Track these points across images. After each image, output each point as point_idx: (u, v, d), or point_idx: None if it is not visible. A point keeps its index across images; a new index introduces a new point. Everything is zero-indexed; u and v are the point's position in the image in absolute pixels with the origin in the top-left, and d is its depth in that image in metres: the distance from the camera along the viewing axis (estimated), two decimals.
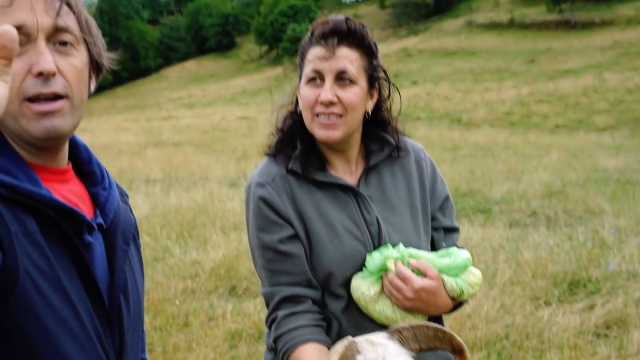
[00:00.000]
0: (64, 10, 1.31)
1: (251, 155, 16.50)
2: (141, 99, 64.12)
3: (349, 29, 1.92)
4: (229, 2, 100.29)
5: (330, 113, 1.91)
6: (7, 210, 1.23)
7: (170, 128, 26.10)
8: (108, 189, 1.54)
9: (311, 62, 1.94)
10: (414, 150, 2.17)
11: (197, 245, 7.64)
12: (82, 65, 1.36)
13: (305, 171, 2.00)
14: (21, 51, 1.26)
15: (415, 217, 2.08)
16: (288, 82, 52.39)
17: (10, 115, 1.30)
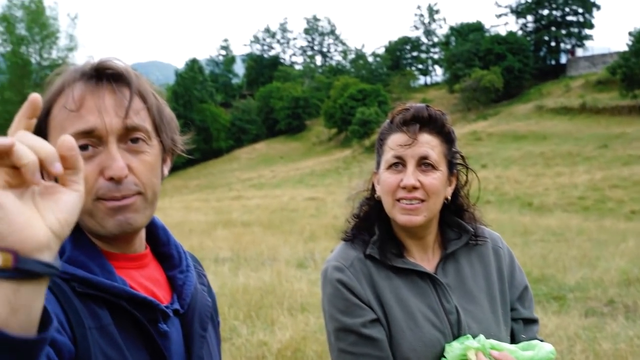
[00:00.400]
0: (134, 109, 1.32)
1: (319, 236, 16.49)
2: (212, 179, 65.45)
3: (429, 116, 1.95)
4: (300, 86, 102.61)
5: (413, 198, 1.92)
6: (82, 305, 1.25)
7: (239, 208, 26.46)
8: (185, 271, 1.54)
9: (392, 149, 1.96)
10: (491, 238, 2.17)
11: (264, 326, 7.59)
12: (155, 159, 1.38)
13: (383, 257, 1.99)
14: (93, 153, 1.29)
15: (494, 308, 2.04)
16: (356, 165, 52.80)
17: (85, 212, 1.32)
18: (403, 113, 1.98)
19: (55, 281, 1.25)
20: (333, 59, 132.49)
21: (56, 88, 1.34)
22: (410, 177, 1.91)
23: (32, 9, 64.88)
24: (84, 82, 1.31)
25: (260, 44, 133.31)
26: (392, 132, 1.99)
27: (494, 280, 2.08)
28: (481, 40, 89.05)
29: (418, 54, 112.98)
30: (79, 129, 1.27)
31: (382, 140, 2.04)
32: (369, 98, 77.07)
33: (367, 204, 2.12)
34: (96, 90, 1.29)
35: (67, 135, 0.89)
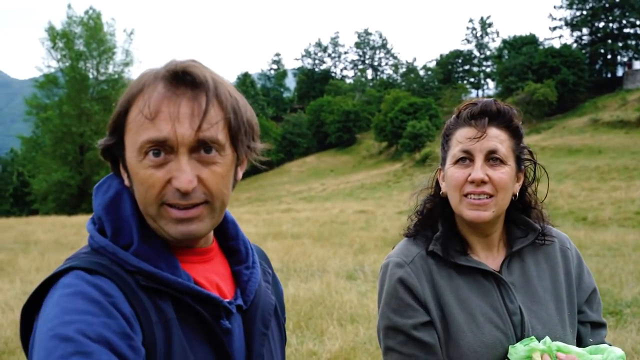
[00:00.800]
0: (209, 120, 1.30)
1: (369, 249, 16.44)
2: (262, 192, 65.88)
3: (498, 110, 1.92)
4: (350, 100, 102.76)
5: (481, 193, 1.88)
6: (147, 299, 1.27)
7: (289, 220, 26.54)
8: (251, 268, 1.54)
9: (460, 143, 1.93)
10: (559, 239, 2.12)
11: (314, 336, 7.61)
12: (226, 170, 1.36)
13: (446, 254, 1.96)
14: (164, 160, 1.29)
15: (560, 309, 1.99)
16: (407, 178, 52.51)
17: (150, 216, 1.33)
18: (471, 107, 1.96)
19: (119, 274, 1.27)
20: (384, 73, 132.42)
21: (136, 88, 1.33)
22: (479, 171, 1.87)
23: (91, 26, 66.55)
24: (162, 86, 1.30)
25: (312, 58, 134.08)
26: (459, 127, 1.97)
27: (560, 281, 2.04)
28: (534, 53, 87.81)
29: (470, 67, 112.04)
30: (152, 137, 1.27)
31: (447, 136, 2.02)
32: (420, 111, 76.71)
33: (431, 201, 2.09)
34: (173, 97, 1.28)
35: None
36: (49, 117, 63.19)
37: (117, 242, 1.33)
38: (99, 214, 1.38)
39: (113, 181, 1.43)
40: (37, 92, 66.85)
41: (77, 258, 1.32)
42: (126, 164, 1.35)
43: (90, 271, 1.25)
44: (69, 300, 1.17)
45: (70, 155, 64.57)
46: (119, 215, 1.36)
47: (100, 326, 1.14)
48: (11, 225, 29.14)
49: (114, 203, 1.38)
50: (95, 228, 1.38)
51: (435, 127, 71.16)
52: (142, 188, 1.30)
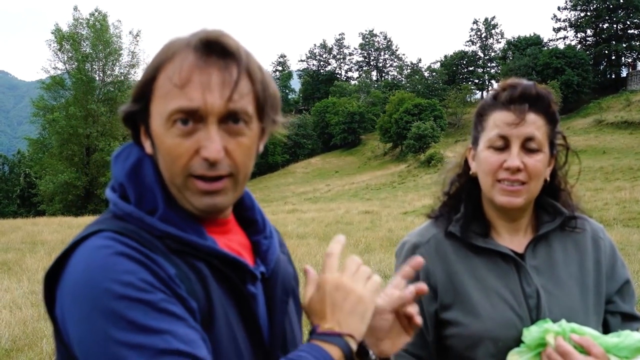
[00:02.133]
0: (240, 91, 1.28)
1: (374, 248, 16.48)
2: (268, 193, 65.94)
3: (537, 94, 1.87)
4: (355, 101, 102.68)
5: (515, 180, 1.86)
6: (180, 260, 1.26)
7: (295, 221, 26.51)
8: (269, 237, 1.52)
9: (497, 127, 1.88)
10: (592, 228, 2.08)
11: None
12: (252, 142, 1.34)
13: (464, 235, 1.97)
14: (193, 129, 1.26)
15: (585, 296, 1.96)
16: (411, 179, 52.51)
17: (175, 186, 1.32)
18: (510, 90, 1.89)
19: (150, 239, 1.26)
20: (389, 74, 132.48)
21: (165, 55, 1.29)
22: (516, 159, 1.84)
23: (97, 27, 66.43)
24: (193, 55, 1.27)
25: (317, 59, 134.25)
26: (496, 109, 1.91)
27: (589, 269, 1.99)
28: (539, 54, 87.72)
29: (474, 69, 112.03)
30: (183, 106, 1.25)
31: (482, 116, 1.96)
32: (425, 112, 76.73)
33: (459, 181, 2.07)
34: (204, 66, 1.26)
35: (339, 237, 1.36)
36: (55, 119, 63.19)
37: (141, 208, 1.30)
38: (120, 180, 1.35)
39: (133, 149, 1.40)
40: (44, 94, 66.74)
41: (103, 222, 1.29)
42: (151, 132, 1.32)
43: (121, 234, 1.23)
44: (114, 261, 1.16)
45: (77, 156, 64.54)
46: (141, 182, 1.33)
47: (154, 283, 1.15)
48: (18, 226, 29.21)
49: (135, 170, 1.35)
50: (117, 195, 1.35)
51: (440, 128, 71.21)
52: (168, 158, 1.29)
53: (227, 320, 1.26)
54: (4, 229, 27.31)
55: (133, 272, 1.15)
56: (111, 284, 1.13)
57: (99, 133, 62.73)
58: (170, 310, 1.15)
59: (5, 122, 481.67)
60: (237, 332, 1.28)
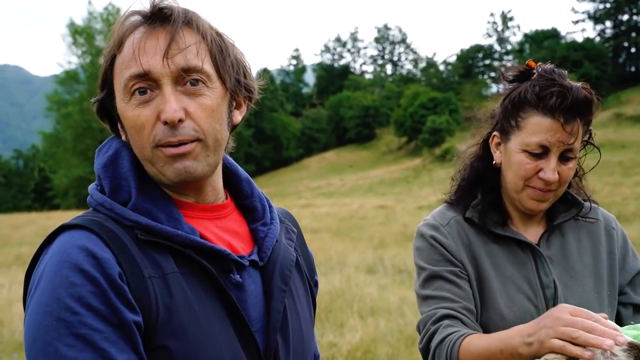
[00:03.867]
0: (189, 48, 1.29)
1: (388, 243, 16.36)
2: (282, 188, 66.01)
3: (585, 103, 1.78)
4: (370, 95, 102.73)
5: (548, 190, 1.84)
6: (140, 254, 1.25)
7: (308, 215, 26.51)
8: (269, 224, 1.50)
9: (538, 134, 1.79)
10: (604, 218, 2.07)
11: (334, 329, 7.56)
12: (216, 103, 1.32)
13: (483, 222, 1.94)
14: (150, 97, 1.28)
15: (599, 287, 1.94)
16: (426, 174, 52.34)
17: (147, 160, 1.32)
18: (559, 97, 1.76)
19: (112, 231, 1.25)
20: (404, 68, 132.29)
21: (116, 40, 1.33)
22: (554, 173, 1.79)
23: (111, 21, 67.00)
24: (137, 23, 1.31)
25: (331, 53, 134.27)
26: (539, 112, 1.80)
27: (602, 259, 1.98)
28: (556, 47, 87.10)
29: (491, 62, 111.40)
30: (133, 72, 1.27)
31: (519, 112, 1.85)
32: (440, 106, 76.46)
33: (477, 167, 2.01)
34: (150, 32, 1.29)
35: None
36: (69, 113, 63.74)
37: (115, 199, 1.32)
38: (98, 173, 1.37)
39: (113, 142, 1.42)
40: (58, 88, 67.51)
41: (75, 218, 1.31)
42: (118, 113, 1.35)
43: (79, 227, 1.24)
44: (56, 273, 1.17)
45: (91, 150, 64.69)
46: (117, 173, 1.34)
47: (89, 297, 1.14)
48: (33, 220, 29.42)
49: (112, 161, 1.36)
50: (97, 188, 1.37)
51: (456, 122, 70.90)
52: (133, 131, 1.30)
53: (194, 314, 1.24)
54: (18, 223, 27.51)
55: (74, 286, 1.15)
56: (49, 299, 1.15)
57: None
58: (86, 336, 1.12)
59: (20, 116, 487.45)
60: (215, 323, 1.27)
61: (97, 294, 1.15)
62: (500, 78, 1.98)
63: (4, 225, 26.94)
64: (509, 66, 1.97)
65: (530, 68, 1.89)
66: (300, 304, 1.50)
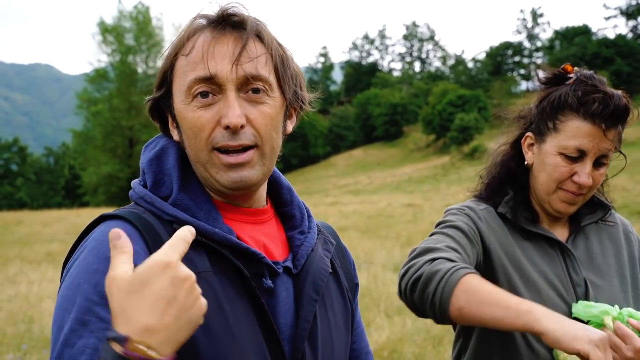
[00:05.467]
0: (255, 57, 1.30)
1: (416, 242, 16.07)
2: (309, 186, 66.02)
3: (625, 111, 1.82)
4: (398, 93, 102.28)
5: (580, 194, 1.86)
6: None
7: (336, 213, 26.49)
8: (306, 233, 1.50)
9: (577, 138, 1.81)
10: (622, 223, 2.10)
11: None
12: (275, 112, 1.34)
13: (515, 219, 1.95)
14: (213, 101, 1.30)
15: (625, 287, 1.95)
16: (455, 172, 52.03)
17: (200, 163, 1.33)
18: (601, 104, 1.79)
19: (149, 223, 1.27)
20: (432, 65, 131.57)
21: (181, 38, 1.34)
22: (589, 178, 1.81)
23: (140, 20, 67.61)
24: (208, 32, 1.32)
25: (359, 51, 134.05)
26: (579, 117, 1.81)
27: (625, 261, 2.00)
28: (588, 44, 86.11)
29: (520, 59, 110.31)
30: (199, 75, 1.28)
31: (559, 115, 1.87)
32: (469, 104, 75.89)
33: (509, 166, 2.01)
34: (219, 37, 1.30)
35: (187, 229, 1.07)
36: (99, 111, 64.45)
37: (157, 193, 1.34)
38: (143, 167, 1.39)
39: (161, 139, 1.44)
40: (88, 87, 68.25)
41: (117, 209, 1.33)
42: (175, 114, 1.36)
43: (117, 218, 1.27)
44: (84, 259, 1.20)
45: (120, 148, 65.76)
46: (161, 168, 1.37)
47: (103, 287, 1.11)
48: (63, 217, 29.76)
49: (158, 157, 1.39)
50: (140, 183, 1.39)
51: (485, 120, 70.30)
52: (191, 133, 1.31)
53: (224, 314, 1.25)
54: (49, 220, 27.84)
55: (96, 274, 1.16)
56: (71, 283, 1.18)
57: (141, 125, 63.60)
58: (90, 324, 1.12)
59: (51, 114, 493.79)
60: (245, 326, 1.27)
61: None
62: (533, 78, 1.99)
63: (34, 222, 27.30)
64: (542, 66, 1.99)
65: (566, 72, 1.92)
66: (333, 314, 1.49)
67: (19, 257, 16.00)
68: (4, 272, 13.20)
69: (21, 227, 25.35)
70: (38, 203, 79.69)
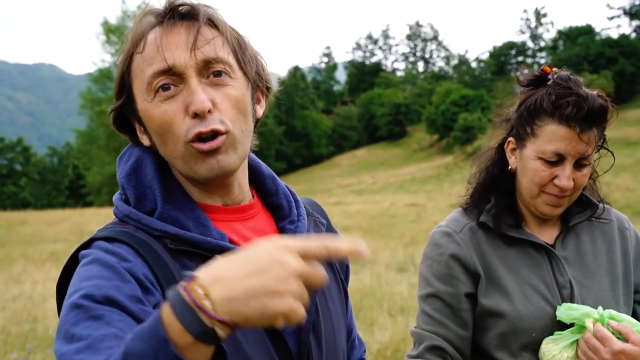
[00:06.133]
0: (208, 40, 1.27)
1: (419, 241, 16.25)
2: (312, 185, 66.05)
3: (601, 111, 1.80)
4: (401, 93, 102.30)
5: (563, 196, 1.86)
6: (173, 261, 1.25)
7: (339, 213, 26.49)
8: (296, 221, 1.48)
9: (553, 142, 1.81)
10: (617, 219, 2.08)
11: (364, 327, 7.53)
12: (241, 94, 1.30)
13: (497, 225, 1.95)
14: (175, 92, 1.26)
15: (614, 286, 1.95)
16: (458, 171, 51.95)
17: (179, 157, 1.29)
18: (575, 107, 1.78)
19: (142, 240, 1.25)
20: (435, 65, 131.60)
21: (131, 39, 1.30)
22: (569, 180, 1.81)
23: None
24: (155, 22, 1.29)
25: (362, 50, 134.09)
26: (554, 121, 1.81)
27: (616, 259, 1.99)
28: (591, 43, 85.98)
29: (524, 59, 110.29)
30: (157, 68, 1.24)
31: (535, 120, 1.86)
32: (472, 104, 75.89)
33: (492, 172, 2.02)
34: (171, 29, 1.27)
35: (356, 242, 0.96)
36: (103, 111, 64.29)
37: (141, 209, 1.31)
38: (121, 182, 1.36)
39: (133, 149, 1.40)
40: (92, 86, 68.24)
41: (104, 229, 1.31)
42: (140, 116, 1.32)
43: (110, 239, 1.24)
44: (86, 269, 1.17)
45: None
46: (140, 182, 1.34)
47: (110, 289, 1.12)
48: (67, 217, 29.82)
49: (135, 170, 1.35)
50: (121, 198, 1.36)
51: (488, 120, 70.11)
52: (161, 129, 1.27)
53: None
54: (53, 220, 27.89)
55: (94, 277, 1.14)
56: (70, 292, 1.14)
57: None
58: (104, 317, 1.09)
59: (54, 114, 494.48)
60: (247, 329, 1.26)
61: (121, 288, 1.13)
62: (515, 81, 2.00)
63: (38, 222, 27.36)
64: (526, 71, 1.98)
65: (545, 73, 1.91)
66: (331, 300, 1.48)
67: (23, 256, 16.02)
68: (8, 272, 13.23)
69: (25, 227, 25.40)
70: (41, 203, 79.79)
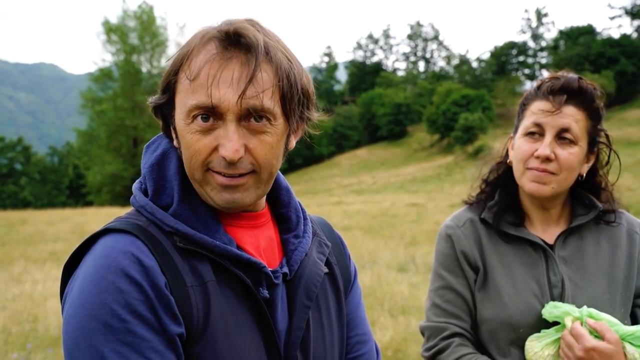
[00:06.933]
0: (261, 86, 1.23)
1: (420, 241, 16.24)
2: (313, 185, 65.97)
3: (580, 87, 1.90)
4: (402, 92, 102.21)
5: (544, 170, 1.90)
6: (182, 261, 1.25)
7: (340, 213, 26.45)
8: (301, 237, 1.47)
9: (534, 114, 1.94)
10: (628, 222, 2.10)
11: None
12: (276, 140, 1.29)
13: (496, 222, 2.02)
14: (213, 126, 1.24)
15: (612, 289, 1.97)
16: (459, 171, 51.94)
17: (195, 180, 1.30)
18: (552, 81, 1.93)
19: (155, 237, 1.25)
20: (436, 65, 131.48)
21: (187, 48, 1.28)
22: (546, 148, 1.87)
23: (144, 20, 67.61)
24: (212, 49, 1.24)
25: (363, 50, 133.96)
26: (536, 99, 1.96)
27: (619, 262, 2.01)
28: (592, 43, 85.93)
29: (525, 59, 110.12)
30: (200, 102, 1.22)
31: (524, 105, 2.02)
32: (473, 104, 75.79)
33: (497, 169, 2.12)
34: (223, 61, 1.23)
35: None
36: (103, 111, 64.49)
37: (157, 202, 1.32)
38: (144, 172, 1.37)
39: (162, 140, 1.41)
40: (92, 86, 68.25)
41: (118, 219, 1.31)
42: (175, 126, 1.32)
43: (125, 232, 1.24)
44: (102, 274, 1.16)
45: (124, 147, 65.75)
46: (162, 175, 1.35)
47: (136, 305, 1.14)
48: (67, 216, 29.77)
49: (159, 162, 1.36)
50: (140, 188, 1.37)
51: (489, 120, 70.19)
52: (188, 152, 1.27)
53: (227, 324, 1.25)
54: (53, 219, 27.84)
55: (121, 292, 1.14)
56: (94, 303, 1.14)
57: (145, 124, 63.52)
58: (133, 344, 1.13)
59: (55, 113, 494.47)
60: (246, 335, 1.28)
61: (144, 302, 1.15)
62: (537, 78, 2.06)
63: (39, 221, 27.33)
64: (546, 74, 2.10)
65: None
66: (328, 316, 1.47)
67: (23, 256, 16.00)
68: (9, 271, 13.21)
69: (25, 226, 25.36)
70: (42, 202, 79.68)
